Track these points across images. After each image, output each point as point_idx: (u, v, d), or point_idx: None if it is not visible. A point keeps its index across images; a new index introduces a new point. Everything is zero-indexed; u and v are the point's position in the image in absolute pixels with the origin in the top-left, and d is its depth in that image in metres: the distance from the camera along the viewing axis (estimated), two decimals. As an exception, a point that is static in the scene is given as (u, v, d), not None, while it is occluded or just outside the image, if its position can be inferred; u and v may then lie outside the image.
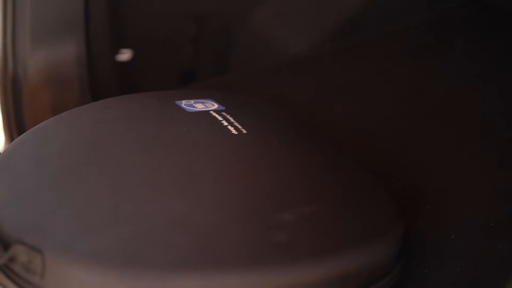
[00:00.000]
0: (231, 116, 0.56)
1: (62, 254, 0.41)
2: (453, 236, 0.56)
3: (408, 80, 0.77)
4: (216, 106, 0.58)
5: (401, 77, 0.78)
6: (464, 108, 0.71)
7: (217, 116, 0.56)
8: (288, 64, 0.87)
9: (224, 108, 0.58)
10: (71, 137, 0.52)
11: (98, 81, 0.83)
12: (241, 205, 0.47)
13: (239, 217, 0.45)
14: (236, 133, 0.54)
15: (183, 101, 0.58)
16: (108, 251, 0.41)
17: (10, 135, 0.80)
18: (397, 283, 0.49)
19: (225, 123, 0.55)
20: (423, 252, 0.55)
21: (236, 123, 0.55)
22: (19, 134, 0.75)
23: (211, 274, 0.41)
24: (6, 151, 0.50)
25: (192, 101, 0.59)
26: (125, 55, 0.88)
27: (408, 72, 0.79)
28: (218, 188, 0.48)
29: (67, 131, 0.53)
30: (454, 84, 0.75)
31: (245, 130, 0.55)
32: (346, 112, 0.73)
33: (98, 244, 0.41)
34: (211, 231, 0.44)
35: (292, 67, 0.86)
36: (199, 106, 0.58)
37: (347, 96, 0.76)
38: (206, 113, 0.57)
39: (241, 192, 0.48)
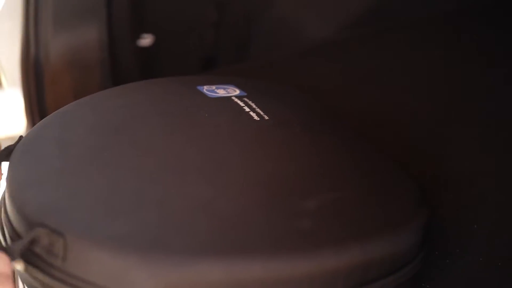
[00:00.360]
0: (253, 102, 0.56)
1: (83, 237, 0.41)
2: (475, 226, 0.56)
3: (435, 67, 0.77)
4: (237, 92, 0.58)
5: (428, 64, 0.77)
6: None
7: (239, 102, 0.56)
8: (312, 50, 0.87)
9: (245, 94, 0.58)
10: (93, 121, 0.52)
11: (120, 65, 0.83)
12: (265, 191, 0.46)
13: (262, 204, 0.45)
14: (258, 119, 0.54)
15: (205, 87, 0.58)
16: (130, 235, 0.41)
17: (32, 119, 0.80)
18: (419, 273, 0.49)
19: (247, 109, 0.55)
20: (445, 242, 0.54)
21: (258, 109, 0.55)
22: (41, 118, 0.76)
23: (233, 260, 0.41)
24: (28, 135, 0.50)
25: (213, 87, 0.58)
26: (146, 40, 0.88)
27: (436, 59, 0.78)
28: (241, 174, 0.48)
29: (89, 115, 0.53)
30: (484, 72, 0.74)
31: (267, 116, 0.54)
32: (371, 98, 0.72)
33: (120, 228, 0.41)
34: (234, 217, 0.44)
35: (316, 53, 0.86)
36: (221, 91, 0.58)
37: (372, 82, 0.75)
38: (228, 98, 0.56)
39: (264, 179, 0.48)
